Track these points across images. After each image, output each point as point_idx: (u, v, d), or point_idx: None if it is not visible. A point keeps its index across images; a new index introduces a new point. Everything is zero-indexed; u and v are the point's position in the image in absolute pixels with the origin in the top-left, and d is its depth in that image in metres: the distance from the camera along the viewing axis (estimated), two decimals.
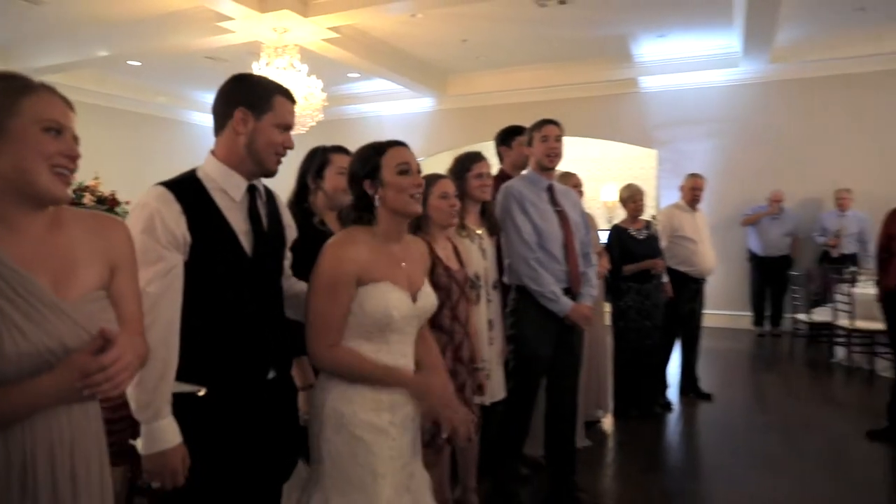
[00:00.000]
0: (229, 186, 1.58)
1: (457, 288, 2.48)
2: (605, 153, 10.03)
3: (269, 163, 1.59)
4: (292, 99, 1.64)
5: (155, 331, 1.41)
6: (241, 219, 1.59)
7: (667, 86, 8.17)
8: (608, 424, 4.33)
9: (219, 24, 6.15)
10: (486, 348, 2.70)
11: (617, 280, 4.39)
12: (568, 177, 3.93)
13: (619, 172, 9.82)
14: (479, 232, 2.84)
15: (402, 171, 1.70)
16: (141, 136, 9.37)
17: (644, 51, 7.70)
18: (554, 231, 2.87)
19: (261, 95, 1.57)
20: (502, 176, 3.39)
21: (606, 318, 4.49)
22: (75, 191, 5.68)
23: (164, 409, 1.45)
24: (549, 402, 2.98)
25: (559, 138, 2.90)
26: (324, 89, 6.65)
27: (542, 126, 2.90)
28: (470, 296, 2.60)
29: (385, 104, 9.64)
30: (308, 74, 6.31)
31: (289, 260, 1.82)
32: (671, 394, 4.86)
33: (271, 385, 1.65)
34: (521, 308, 2.90)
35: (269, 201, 1.70)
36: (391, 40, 7.41)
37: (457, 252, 2.59)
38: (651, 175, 8.55)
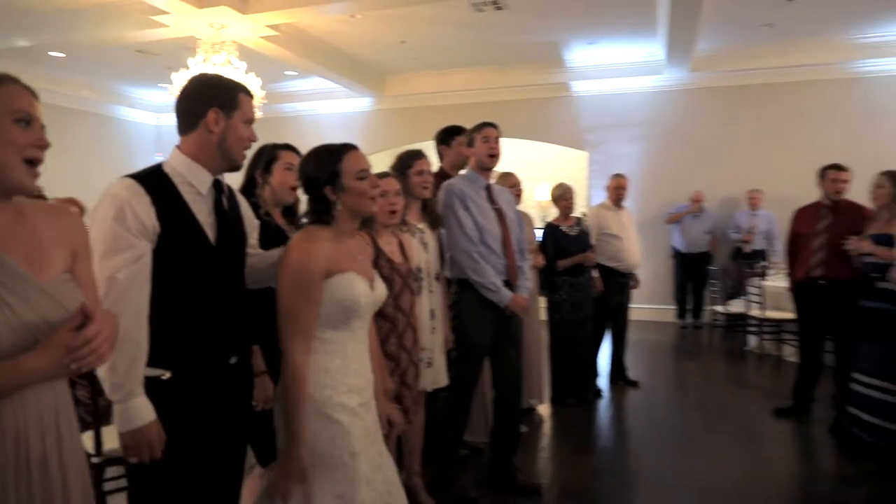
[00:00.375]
0: (196, 180, 1.66)
1: (399, 279, 2.62)
2: (538, 154, 10.35)
3: (238, 157, 1.70)
4: (251, 94, 1.75)
5: (126, 316, 1.46)
6: (207, 211, 1.68)
7: (597, 90, 8.55)
8: (544, 411, 4.56)
9: (152, 18, 6.01)
10: (428, 337, 2.84)
11: (551, 275, 4.63)
12: (507, 177, 4.14)
13: (552, 173, 10.15)
14: (421, 227, 2.98)
15: (360, 177, 1.81)
16: (64, 132, 8.97)
17: (575, 57, 8.04)
18: (493, 227, 3.04)
19: (229, 95, 1.67)
20: (442, 174, 3.52)
21: (542, 311, 4.71)
22: None
23: (138, 389, 1.52)
24: (495, 389, 3.16)
25: (498, 139, 3.09)
26: (261, 87, 6.62)
27: (483, 128, 3.08)
28: (413, 287, 2.73)
29: (323, 103, 9.63)
30: (246, 72, 6.26)
31: (254, 247, 1.90)
32: (602, 382, 5.15)
33: (233, 370, 1.74)
34: (462, 300, 3.06)
35: (230, 196, 1.79)
36: (330, 39, 7.43)
37: (401, 246, 2.72)
38: (583, 175, 8.92)
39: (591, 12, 6.44)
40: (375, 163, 2.22)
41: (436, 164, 3.72)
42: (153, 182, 1.60)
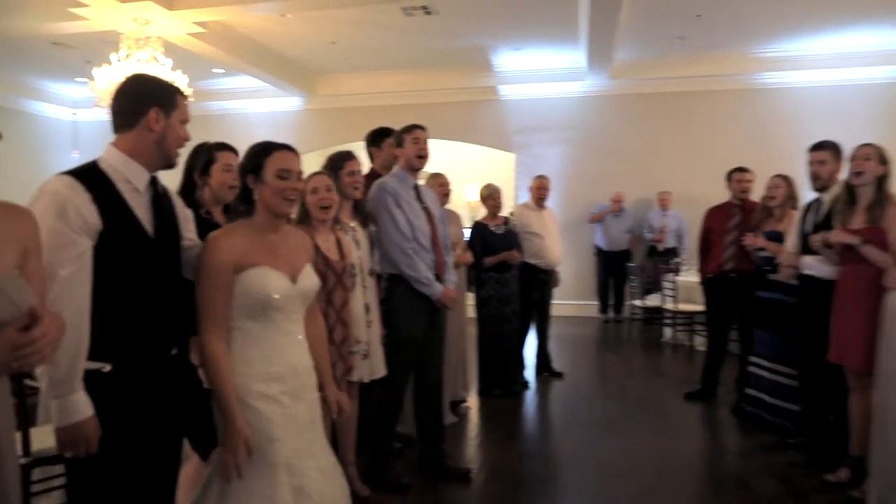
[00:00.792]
0: (134, 177, 1.71)
1: (333, 276, 2.72)
2: (468, 156, 10.60)
3: (174, 156, 1.77)
4: (186, 96, 1.83)
5: (68, 312, 1.50)
6: (145, 207, 1.73)
7: (523, 95, 8.87)
8: (473, 403, 4.74)
9: (71, 10, 5.81)
10: (363, 330, 2.95)
11: (479, 271, 4.83)
12: (436, 177, 4.29)
13: (481, 174, 10.41)
14: (353, 225, 3.09)
15: (281, 176, 1.90)
16: None
17: (503, 61, 8.32)
18: (423, 225, 3.19)
19: (167, 95, 1.74)
20: (373, 175, 3.63)
21: (469, 308, 4.89)
22: None
23: (78, 385, 1.55)
24: (416, 378, 3.29)
25: (426, 141, 3.24)
26: (188, 85, 6.50)
27: (413, 130, 3.22)
28: (346, 284, 2.83)
29: (252, 101, 9.51)
30: (172, 69, 6.14)
31: (192, 238, 1.95)
32: (528, 374, 5.39)
33: (174, 361, 1.80)
34: (393, 295, 3.19)
35: (164, 192, 1.84)
36: (259, 38, 7.38)
37: (339, 244, 2.82)
38: (510, 176, 9.21)
39: (516, 20, 6.71)
40: (307, 163, 2.31)
41: (367, 165, 3.84)
42: (92, 179, 1.64)
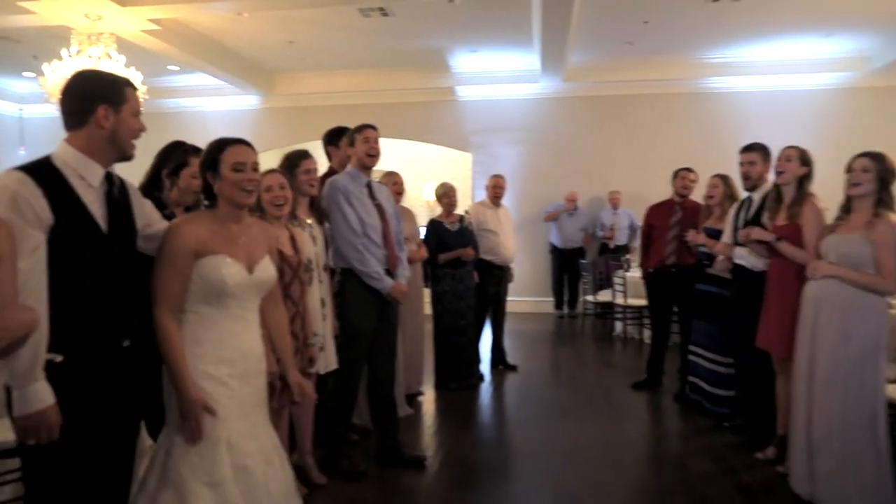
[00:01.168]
0: (88, 173, 1.75)
1: (289, 270, 2.81)
2: (426, 155, 10.73)
3: (129, 149, 1.83)
4: (136, 87, 1.87)
5: (29, 303, 1.55)
6: (99, 202, 1.78)
7: (480, 96, 9.04)
8: (429, 396, 4.87)
9: (20, 3, 5.69)
10: (319, 324, 3.05)
11: (434, 268, 4.96)
12: (391, 175, 4.42)
13: (438, 173, 10.55)
14: (309, 222, 3.18)
15: (236, 169, 2.00)
16: None
17: (460, 63, 8.46)
18: (374, 221, 3.30)
19: (115, 90, 1.78)
20: (331, 173, 3.73)
21: (426, 304, 5.01)
22: None
23: (39, 374, 1.60)
24: (370, 370, 3.40)
25: (378, 140, 3.35)
26: (142, 82, 6.43)
27: (364, 129, 3.32)
28: (303, 278, 2.92)
29: (209, 99, 9.42)
30: (126, 66, 6.08)
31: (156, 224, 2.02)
32: (483, 367, 5.55)
33: (126, 353, 1.85)
34: (345, 288, 3.29)
35: (121, 187, 1.89)
36: (216, 36, 7.35)
37: (293, 239, 2.91)
38: (468, 176, 9.38)
39: (472, 22, 6.85)
40: (265, 162, 2.39)
41: (325, 164, 3.93)
42: (44, 175, 1.67)
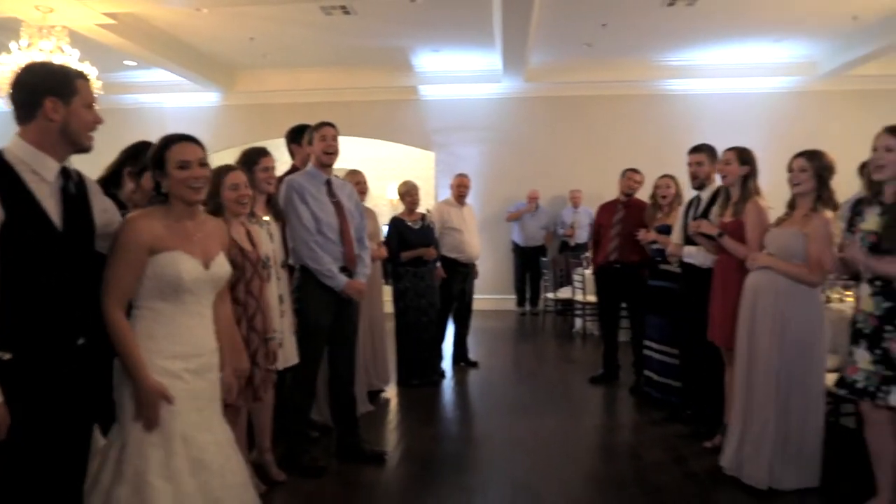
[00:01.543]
0: (41, 168, 1.73)
1: (250, 266, 2.82)
2: (389, 154, 10.73)
3: (84, 140, 1.80)
4: (88, 78, 1.85)
5: None
6: (54, 198, 1.75)
7: (443, 95, 9.10)
8: (391, 393, 4.91)
9: None
10: (278, 320, 3.06)
11: (396, 265, 5.00)
12: (354, 174, 4.45)
13: (401, 172, 10.55)
14: (267, 219, 3.19)
15: (181, 167, 2.00)
16: None
17: (422, 62, 8.51)
18: (331, 219, 3.32)
19: (63, 82, 1.75)
20: (294, 171, 3.74)
21: (387, 302, 5.04)
22: None
23: None
24: (330, 366, 3.43)
25: (335, 138, 3.36)
26: (97, 77, 6.30)
27: (321, 127, 3.34)
28: (262, 274, 2.94)
29: (167, 95, 9.24)
30: (80, 60, 5.95)
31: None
32: (445, 364, 5.62)
33: (81, 351, 1.84)
34: (303, 285, 3.31)
35: (79, 182, 1.87)
36: (175, 32, 7.23)
37: (249, 235, 2.91)
38: (430, 175, 9.42)
39: (434, 22, 6.90)
40: (225, 159, 2.40)
41: (286, 162, 3.94)
42: None
